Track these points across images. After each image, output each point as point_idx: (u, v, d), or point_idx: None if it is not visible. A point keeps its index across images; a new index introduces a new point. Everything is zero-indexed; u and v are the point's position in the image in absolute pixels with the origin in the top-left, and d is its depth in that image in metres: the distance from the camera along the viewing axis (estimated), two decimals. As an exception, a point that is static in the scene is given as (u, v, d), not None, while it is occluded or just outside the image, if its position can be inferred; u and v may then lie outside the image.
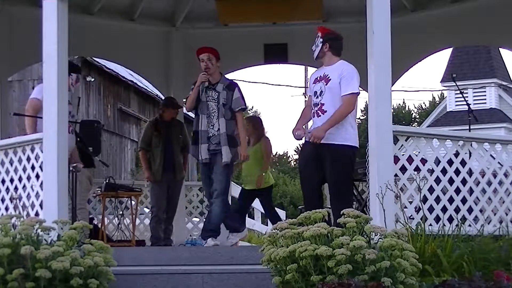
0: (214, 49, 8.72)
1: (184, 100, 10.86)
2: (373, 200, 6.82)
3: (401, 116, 51.32)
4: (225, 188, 8.50)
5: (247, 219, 17.12)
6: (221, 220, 8.58)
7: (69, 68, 8.31)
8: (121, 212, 11.10)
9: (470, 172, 7.43)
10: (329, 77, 7.62)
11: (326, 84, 7.60)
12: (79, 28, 9.76)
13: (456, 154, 7.41)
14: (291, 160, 57.01)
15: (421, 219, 6.82)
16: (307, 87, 43.16)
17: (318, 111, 7.65)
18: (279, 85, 78.53)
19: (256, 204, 18.41)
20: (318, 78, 7.70)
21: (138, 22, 11.80)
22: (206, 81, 8.58)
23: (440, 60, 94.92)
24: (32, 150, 7.48)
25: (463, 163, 7.35)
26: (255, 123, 10.77)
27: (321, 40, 7.73)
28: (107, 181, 10.79)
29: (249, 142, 10.41)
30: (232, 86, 8.65)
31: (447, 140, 7.49)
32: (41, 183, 7.32)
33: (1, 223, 6.22)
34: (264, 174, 10.54)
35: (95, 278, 5.96)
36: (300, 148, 9.19)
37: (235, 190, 14.04)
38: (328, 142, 7.51)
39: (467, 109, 9.94)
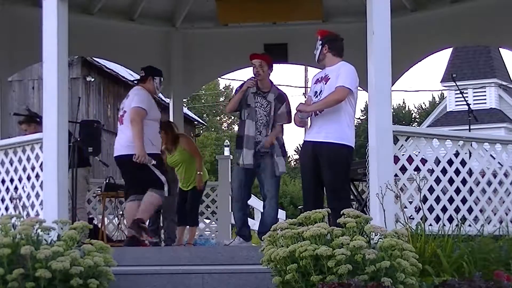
0: (268, 56, 8.84)
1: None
2: (373, 200, 6.82)
3: (401, 116, 51.36)
4: (277, 191, 8.75)
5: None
6: (276, 221, 8.67)
7: (152, 71, 8.42)
8: (121, 212, 11.10)
9: (470, 172, 7.44)
10: (328, 76, 7.65)
11: (325, 83, 7.63)
12: (79, 28, 9.78)
13: (456, 154, 7.42)
14: (291, 160, 57.02)
15: (421, 219, 6.82)
16: (307, 87, 43.27)
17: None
18: (279, 85, 78.44)
19: (256, 204, 18.46)
20: (319, 79, 7.74)
21: (138, 22, 11.80)
22: (252, 86, 8.61)
23: (440, 60, 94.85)
24: (32, 150, 7.48)
25: (463, 163, 7.35)
26: (166, 128, 10.22)
27: (320, 42, 7.78)
28: (107, 181, 10.80)
29: (170, 149, 10.18)
30: (282, 98, 8.81)
31: (447, 140, 7.50)
32: (41, 183, 7.32)
33: (1, 223, 6.22)
34: (201, 172, 10.19)
35: (95, 278, 5.96)
36: (300, 148, 9.20)
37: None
38: (324, 141, 7.55)
39: (467, 109, 9.96)
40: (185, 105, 12.28)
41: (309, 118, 7.89)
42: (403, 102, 54.91)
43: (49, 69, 7.34)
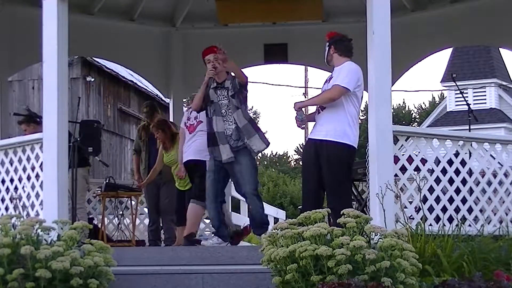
0: (216, 47, 8.72)
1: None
2: (373, 200, 6.82)
3: (401, 116, 51.34)
4: (257, 183, 8.62)
5: (248, 219, 17.14)
6: (264, 214, 8.74)
7: None
8: (121, 212, 11.10)
9: (470, 172, 7.43)
10: (332, 76, 7.73)
11: (328, 83, 7.68)
12: (79, 28, 9.77)
13: (456, 154, 7.42)
14: (291, 160, 57.03)
15: (421, 219, 6.83)
16: (307, 87, 42.94)
17: (319, 108, 7.76)
18: (279, 85, 78.58)
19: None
20: (327, 80, 7.86)
21: (138, 22, 11.80)
22: (213, 76, 8.47)
23: (440, 60, 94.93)
24: (32, 150, 7.48)
25: (463, 163, 7.36)
26: (163, 126, 10.15)
27: (327, 44, 7.88)
28: (107, 181, 10.79)
29: (167, 148, 10.09)
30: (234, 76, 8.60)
31: (447, 140, 7.50)
32: (41, 183, 7.32)
33: (1, 223, 6.22)
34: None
35: (95, 278, 5.96)
36: (300, 148, 9.22)
37: (234, 190, 14.00)
38: (324, 139, 7.58)
39: (467, 109, 9.94)
40: (185, 105, 12.25)
41: (307, 120, 7.99)
42: (403, 102, 54.92)
43: (49, 69, 7.34)
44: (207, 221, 12.57)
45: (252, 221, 8.70)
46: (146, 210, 11.98)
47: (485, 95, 30.57)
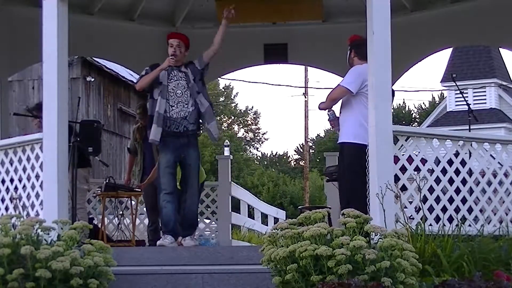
0: (186, 36, 8.72)
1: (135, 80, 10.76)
2: (373, 200, 6.82)
3: (401, 116, 51.36)
4: (199, 182, 8.74)
5: (248, 219, 17.17)
6: (196, 216, 8.73)
7: None
8: (121, 212, 11.10)
9: (470, 172, 7.43)
10: None
11: None
12: (79, 28, 9.77)
13: (456, 154, 7.42)
14: (291, 160, 57.04)
15: (421, 219, 6.83)
16: (307, 87, 42.97)
17: (327, 111, 8.25)
18: (279, 85, 78.58)
19: (256, 203, 18.47)
20: None
21: (138, 22, 11.79)
22: (172, 65, 8.50)
23: (440, 60, 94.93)
24: (32, 150, 7.48)
25: (463, 163, 7.36)
26: None
27: (349, 47, 8.07)
28: (107, 181, 10.79)
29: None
30: (190, 61, 8.63)
31: (447, 140, 7.50)
32: (41, 183, 7.32)
33: (1, 223, 6.21)
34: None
35: (95, 278, 5.96)
36: (300, 148, 9.28)
37: (234, 190, 14.03)
38: (341, 141, 7.94)
39: (467, 109, 9.94)
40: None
41: (335, 119, 8.23)
42: (403, 102, 54.88)
43: (49, 69, 7.34)
44: (207, 221, 12.58)
45: (184, 221, 8.57)
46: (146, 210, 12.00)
47: (485, 95, 30.59)
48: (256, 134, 58.85)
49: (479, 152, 7.55)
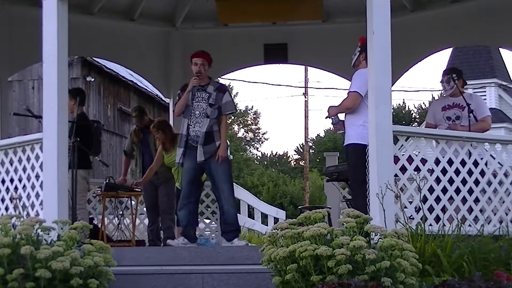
0: (209, 55, 8.92)
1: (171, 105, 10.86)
2: (373, 200, 6.82)
3: (401, 116, 51.35)
4: (232, 188, 8.94)
5: (248, 219, 17.17)
6: (236, 217, 8.92)
7: None
8: (121, 212, 11.10)
9: (470, 172, 7.43)
10: None
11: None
12: (79, 28, 9.77)
13: (456, 154, 7.41)
14: (291, 160, 57.03)
15: (421, 219, 6.82)
16: (307, 87, 42.89)
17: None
18: (279, 85, 78.52)
19: (256, 203, 18.47)
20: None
21: (138, 22, 11.80)
22: (196, 85, 8.77)
23: (440, 60, 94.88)
24: (32, 150, 7.48)
25: (463, 163, 7.36)
26: (164, 127, 10.29)
27: (359, 49, 8.03)
28: (107, 181, 10.79)
29: (168, 149, 10.23)
30: (223, 88, 8.94)
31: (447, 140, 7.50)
32: (41, 183, 7.31)
33: (1, 223, 6.21)
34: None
35: (95, 278, 5.96)
36: (300, 148, 9.34)
37: (238, 192, 14.03)
38: (346, 143, 8.00)
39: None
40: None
41: (339, 122, 8.24)
42: (403, 102, 54.88)
43: (49, 69, 7.34)
44: (207, 221, 12.58)
45: (226, 223, 8.84)
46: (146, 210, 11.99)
47: (485, 95, 30.58)
48: (256, 134, 58.89)
49: (479, 152, 7.55)
